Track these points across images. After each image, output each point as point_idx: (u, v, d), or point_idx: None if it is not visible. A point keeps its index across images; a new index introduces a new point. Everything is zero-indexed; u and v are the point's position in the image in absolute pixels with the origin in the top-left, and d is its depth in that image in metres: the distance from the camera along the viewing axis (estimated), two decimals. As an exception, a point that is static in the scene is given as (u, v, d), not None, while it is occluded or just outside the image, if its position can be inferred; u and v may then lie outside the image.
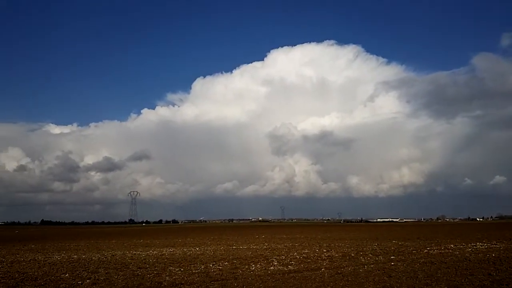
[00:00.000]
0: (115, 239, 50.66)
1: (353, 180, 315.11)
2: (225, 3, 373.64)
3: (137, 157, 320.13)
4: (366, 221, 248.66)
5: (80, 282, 15.71)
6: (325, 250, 27.34)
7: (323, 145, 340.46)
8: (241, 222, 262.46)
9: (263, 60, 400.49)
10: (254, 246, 32.89)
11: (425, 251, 26.03)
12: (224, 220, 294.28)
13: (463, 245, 29.97)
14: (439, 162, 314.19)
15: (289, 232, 63.08)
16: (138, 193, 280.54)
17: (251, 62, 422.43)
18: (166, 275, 16.93)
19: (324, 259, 22.12)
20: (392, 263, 19.77)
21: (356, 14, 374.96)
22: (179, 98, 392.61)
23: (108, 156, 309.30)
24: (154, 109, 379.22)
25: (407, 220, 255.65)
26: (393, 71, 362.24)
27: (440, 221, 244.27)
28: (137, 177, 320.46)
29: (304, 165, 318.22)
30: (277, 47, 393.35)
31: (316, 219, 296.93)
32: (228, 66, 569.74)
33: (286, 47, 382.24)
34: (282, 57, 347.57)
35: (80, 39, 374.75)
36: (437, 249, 26.96)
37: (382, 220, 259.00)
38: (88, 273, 18.00)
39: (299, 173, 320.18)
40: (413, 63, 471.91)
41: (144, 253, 27.80)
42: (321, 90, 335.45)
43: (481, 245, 29.71)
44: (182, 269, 18.69)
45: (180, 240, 44.42)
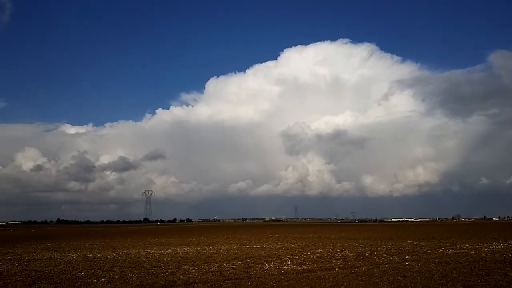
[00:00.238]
0: (130, 238, 51.07)
1: (367, 180, 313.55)
2: (238, 3, 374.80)
3: (152, 157, 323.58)
4: (381, 221, 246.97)
5: (95, 280, 15.87)
6: (339, 250, 27.23)
7: (337, 144, 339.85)
8: (254, 221, 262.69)
9: (276, 59, 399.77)
10: (267, 245, 32.89)
11: (440, 251, 25.77)
12: (238, 219, 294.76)
13: (479, 245, 29.59)
14: (455, 161, 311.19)
15: (303, 232, 62.91)
16: (152, 192, 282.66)
17: (264, 62, 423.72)
18: (180, 274, 17.02)
19: (338, 258, 22.03)
20: (407, 263, 19.62)
21: (370, 12, 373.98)
22: (193, 98, 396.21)
23: (123, 155, 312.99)
24: (168, 109, 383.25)
25: (422, 219, 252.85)
26: (407, 69, 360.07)
27: (455, 220, 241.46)
28: (152, 176, 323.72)
29: (318, 164, 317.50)
30: (291, 46, 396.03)
31: (330, 219, 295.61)
32: (242, 65, 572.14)
33: (299, 46, 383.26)
34: (295, 56, 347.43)
35: (96, 40, 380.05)
36: (452, 249, 26.66)
37: (396, 219, 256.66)
38: (103, 271, 18.17)
39: (313, 173, 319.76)
40: (428, 61, 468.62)
41: (158, 251, 27.99)
42: (335, 89, 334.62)
43: (497, 245, 29.31)
44: (196, 268, 18.77)
45: (194, 239, 44.62)
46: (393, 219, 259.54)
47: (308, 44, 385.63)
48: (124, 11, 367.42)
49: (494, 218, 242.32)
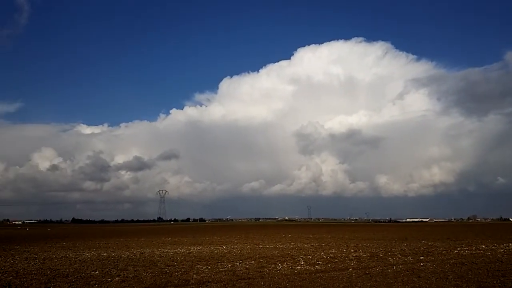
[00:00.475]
0: (144, 237, 51.41)
1: (382, 179, 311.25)
2: (251, 3, 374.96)
3: (166, 157, 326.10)
4: (395, 221, 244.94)
5: (109, 279, 15.98)
6: (352, 250, 27.06)
7: (350, 144, 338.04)
8: (267, 221, 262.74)
9: (290, 58, 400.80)
10: (280, 245, 32.84)
11: (456, 251, 25.47)
12: (251, 219, 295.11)
13: (495, 246, 29.18)
14: (471, 160, 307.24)
15: (316, 232, 62.69)
16: (166, 192, 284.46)
17: (277, 61, 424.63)
18: (194, 273, 17.08)
19: (352, 259, 21.89)
20: (421, 264, 19.42)
21: (385, 11, 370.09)
22: (206, 98, 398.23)
23: (138, 155, 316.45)
24: (182, 109, 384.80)
25: (437, 220, 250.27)
26: (423, 68, 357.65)
27: (471, 221, 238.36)
28: (166, 176, 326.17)
29: (331, 164, 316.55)
30: (304, 45, 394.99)
31: (344, 219, 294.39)
32: (255, 65, 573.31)
33: (313, 45, 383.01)
34: (309, 55, 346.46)
35: (112, 41, 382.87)
36: (468, 250, 26.33)
37: (411, 220, 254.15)
38: (118, 270, 18.31)
39: (326, 172, 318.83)
40: (444, 60, 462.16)
41: (172, 251, 28.14)
42: (349, 88, 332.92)
43: (515, 246, 28.85)
44: (209, 267, 18.82)
45: (207, 239, 44.76)
46: (407, 220, 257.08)
47: (322, 43, 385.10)
48: (139, 12, 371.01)
49: (510, 219, 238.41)
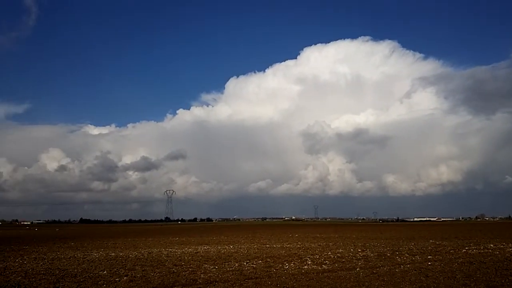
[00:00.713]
0: (152, 237, 51.56)
1: (389, 179, 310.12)
2: (258, 2, 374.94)
3: (173, 157, 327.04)
4: (403, 221, 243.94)
5: (117, 279, 16.06)
6: (360, 250, 26.99)
7: (357, 143, 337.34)
8: (274, 220, 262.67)
9: (296, 58, 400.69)
10: (287, 245, 32.82)
11: (464, 250, 25.33)
12: (257, 218, 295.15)
13: (503, 245, 28.98)
14: (479, 159, 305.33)
15: (323, 231, 62.58)
16: (174, 191, 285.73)
17: (284, 61, 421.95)
18: (201, 273, 17.13)
19: (359, 258, 21.84)
20: (429, 263, 19.35)
21: (392, 9, 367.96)
22: (213, 98, 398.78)
23: (145, 155, 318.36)
24: (189, 109, 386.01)
25: (445, 219, 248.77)
26: (430, 66, 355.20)
27: (479, 220, 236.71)
28: (173, 176, 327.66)
29: (338, 163, 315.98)
30: (311, 45, 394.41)
31: (351, 219, 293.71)
32: (261, 65, 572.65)
33: (319, 44, 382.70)
34: (315, 54, 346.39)
35: (119, 41, 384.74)
36: (476, 249, 26.18)
37: (419, 219, 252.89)
38: (125, 270, 18.39)
39: (333, 172, 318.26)
40: (451, 58, 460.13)
41: (179, 250, 28.20)
42: (356, 87, 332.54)
43: (524, 245, 28.64)
44: (216, 267, 18.86)
45: (214, 238, 44.84)
46: (415, 219, 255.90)
47: (328, 42, 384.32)
48: (145, 13, 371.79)
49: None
